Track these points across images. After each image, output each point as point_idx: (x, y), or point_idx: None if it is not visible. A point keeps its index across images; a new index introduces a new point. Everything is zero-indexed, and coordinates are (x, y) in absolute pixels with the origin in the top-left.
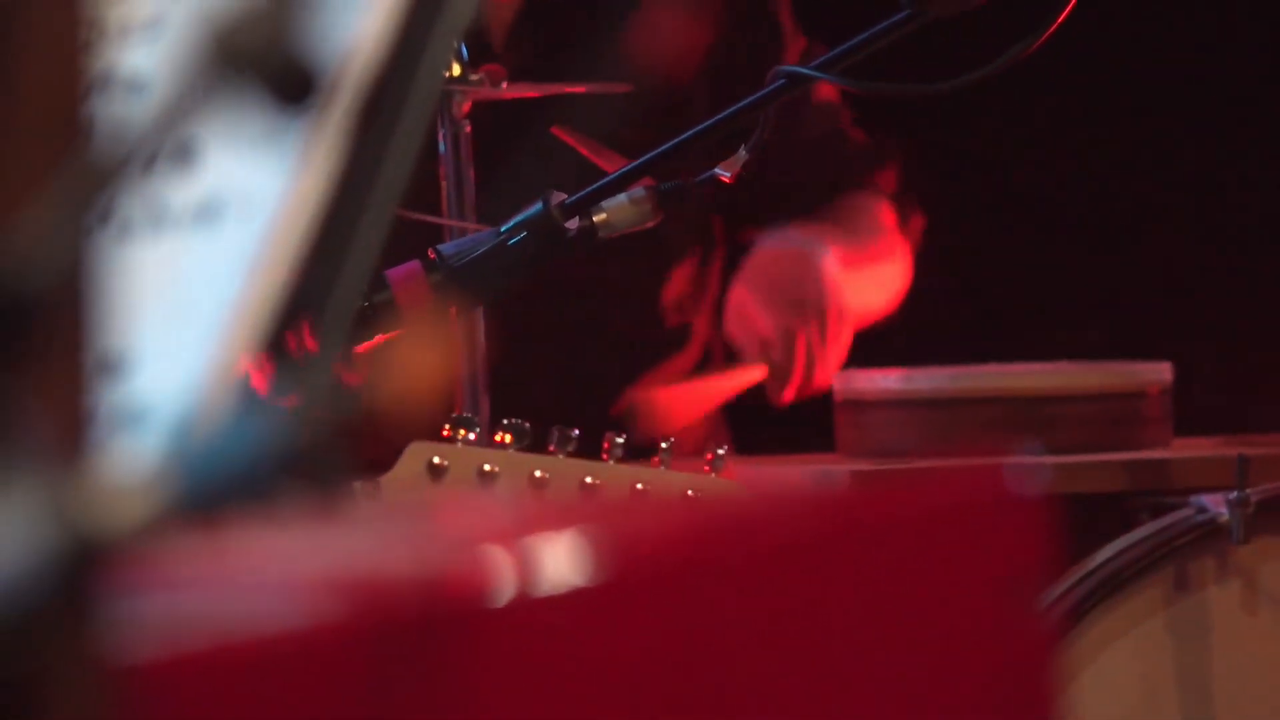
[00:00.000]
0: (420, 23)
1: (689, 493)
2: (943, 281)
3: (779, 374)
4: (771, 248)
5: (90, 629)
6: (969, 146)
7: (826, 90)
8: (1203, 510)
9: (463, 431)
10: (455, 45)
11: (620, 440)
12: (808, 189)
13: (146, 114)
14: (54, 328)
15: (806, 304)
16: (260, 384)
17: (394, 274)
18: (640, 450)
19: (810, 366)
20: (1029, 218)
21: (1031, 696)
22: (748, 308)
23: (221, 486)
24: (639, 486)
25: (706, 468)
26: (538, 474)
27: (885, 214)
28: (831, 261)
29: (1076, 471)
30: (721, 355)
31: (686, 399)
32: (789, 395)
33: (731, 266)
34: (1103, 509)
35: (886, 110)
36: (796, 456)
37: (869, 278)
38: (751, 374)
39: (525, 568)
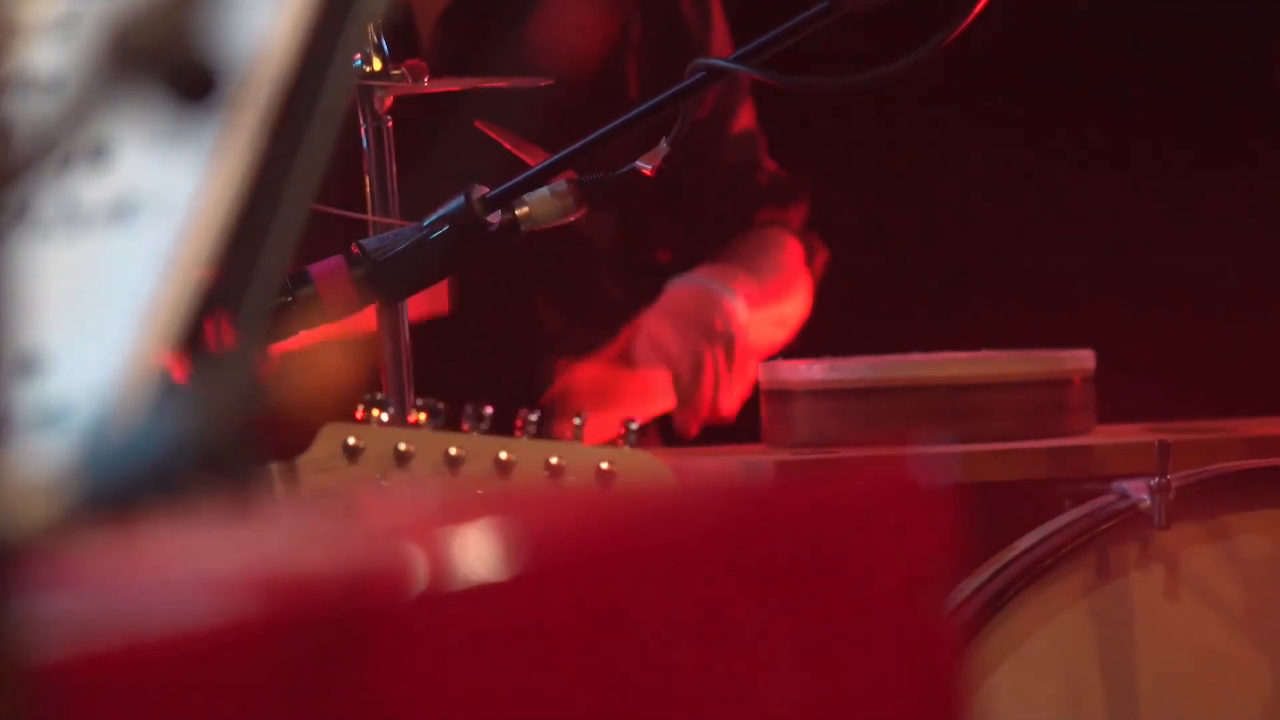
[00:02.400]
0: (331, 16)
1: (604, 465)
2: (866, 270)
3: (685, 399)
4: (682, 286)
5: (3, 628)
6: (893, 131)
7: (745, 119)
8: (1125, 496)
9: (376, 411)
10: (374, 39)
11: (534, 418)
12: (720, 217)
13: (58, 113)
14: None
15: (714, 333)
16: (177, 380)
17: (317, 269)
18: (553, 427)
19: (716, 392)
20: (950, 205)
21: (942, 688)
22: (658, 334)
23: (135, 484)
24: (554, 461)
25: (620, 441)
26: (453, 452)
27: (791, 250)
28: (738, 302)
29: (999, 459)
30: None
31: (604, 384)
32: (695, 423)
33: (643, 289)
34: (1025, 496)
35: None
36: (722, 447)
37: (772, 315)
38: (661, 393)
39: (441, 561)
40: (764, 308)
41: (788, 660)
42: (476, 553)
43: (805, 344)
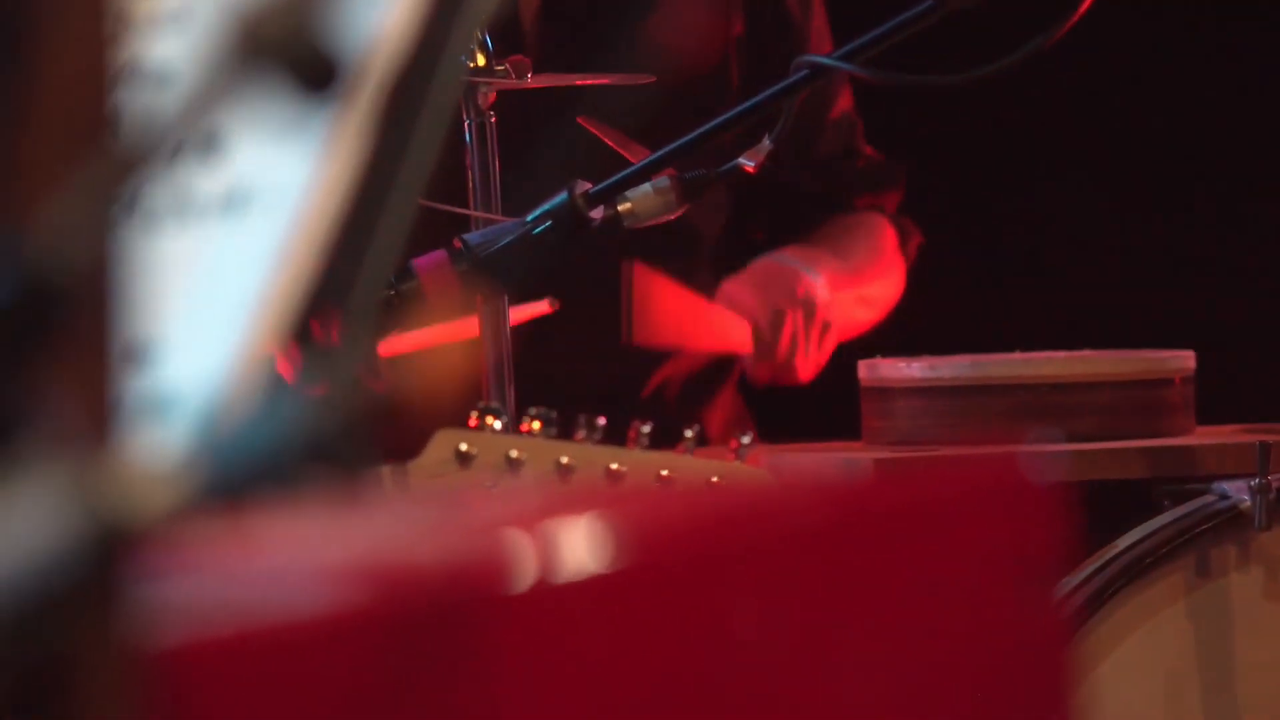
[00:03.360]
0: (444, 12)
1: (714, 480)
2: (967, 269)
3: (763, 350)
4: (764, 260)
5: (117, 615)
6: (994, 133)
7: (845, 104)
8: (1224, 497)
9: (490, 419)
10: (479, 35)
11: (646, 429)
12: (816, 202)
13: (172, 104)
14: (81, 317)
15: (794, 297)
16: (287, 372)
17: (420, 263)
18: (666, 439)
19: (793, 348)
20: (1051, 204)
21: (1049, 683)
22: (737, 294)
23: (247, 473)
24: (664, 474)
25: (731, 455)
26: (564, 460)
27: (885, 234)
28: (819, 279)
29: (1099, 459)
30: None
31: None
32: (767, 374)
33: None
34: (1125, 496)
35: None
36: (821, 445)
37: (857, 295)
38: (737, 335)
39: (546, 555)
40: (849, 289)
41: (892, 657)
42: (579, 545)
43: (904, 340)
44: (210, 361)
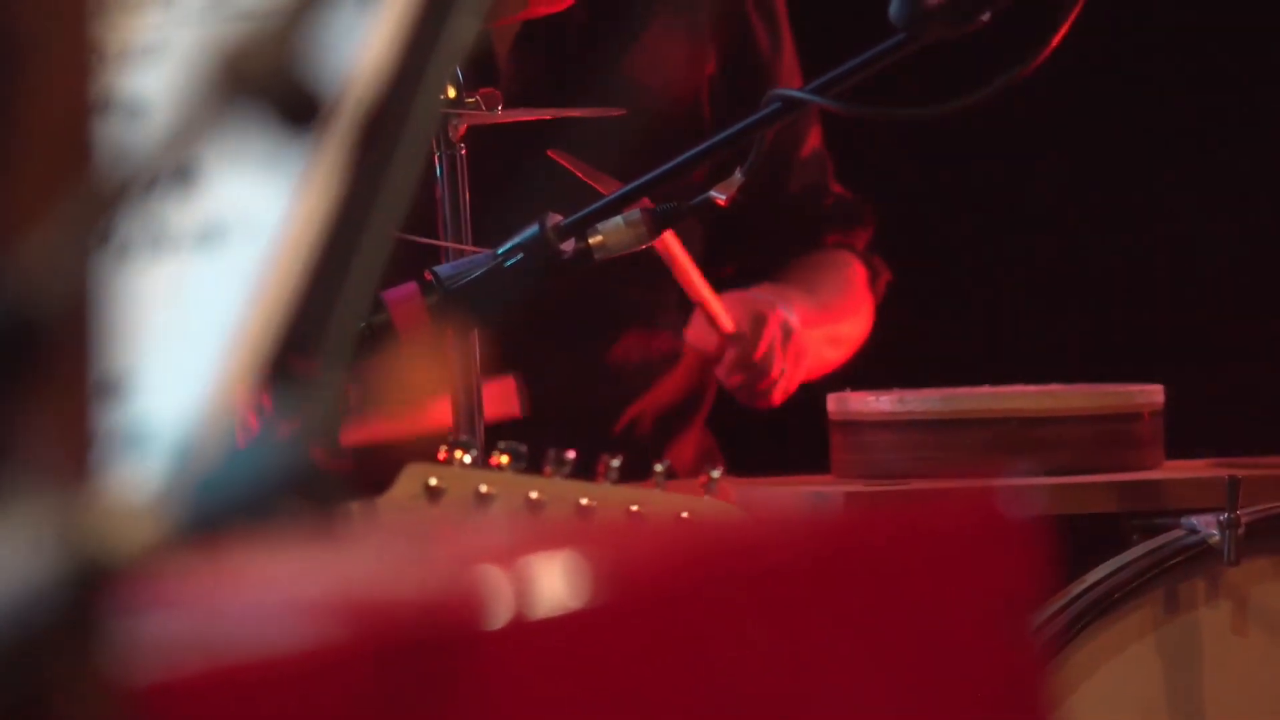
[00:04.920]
0: (420, 47)
1: (684, 515)
2: (936, 303)
3: (745, 353)
4: (739, 293)
5: (95, 650)
6: (963, 166)
7: (814, 142)
8: (1194, 531)
9: (459, 453)
10: (454, 69)
11: (615, 464)
12: (786, 239)
13: (149, 137)
14: (58, 350)
15: (775, 315)
16: (262, 406)
17: (391, 295)
18: (635, 474)
19: (770, 354)
20: (1020, 239)
21: (1025, 717)
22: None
23: (223, 508)
24: (634, 508)
25: (701, 490)
26: (534, 495)
27: (855, 273)
28: (795, 316)
29: (1069, 492)
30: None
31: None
32: (739, 380)
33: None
34: (1095, 530)
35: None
36: (791, 478)
37: (827, 334)
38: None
39: (522, 590)
40: (819, 327)
41: (866, 691)
42: (556, 581)
43: (873, 374)
44: (187, 395)
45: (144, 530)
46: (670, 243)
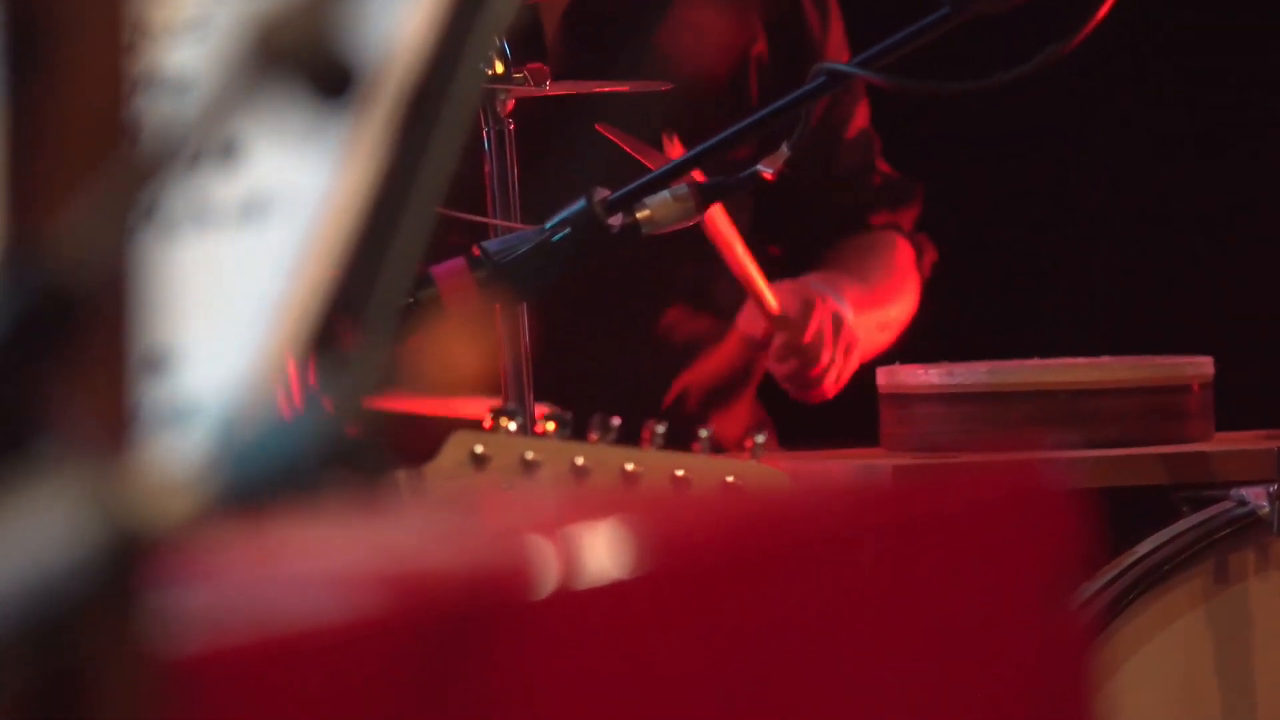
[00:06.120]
0: (463, 18)
1: (729, 479)
2: (985, 276)
3: (794, 337)
4: (789, 282)
5: (135, 623)
6: (1012, 140)
7: (861, 121)
8: (1243, 503)
9: (505, 421)
10: (498, 42)
11: (660, 429)
12: (833, 219)
13: (191, 112)
14: (100, 325)
15: (825, 303)
16: (306, 379)
17: (439, 270)
18: (681, 439)
19: (819, 340)
20: (1071, 211)
21: (1069, 690)
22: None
23: (265, 481)
24: (679, 474)
25: (747, 454)
26: (579, 462)
27: (903, 254)
28: (847, 305)
29: (1118, 465)
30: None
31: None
32: (790, 369)
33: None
34: (1144, 502)
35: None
36: (839, 451)
37: (877, 319)
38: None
39: (567, 560)
40: (870, 311)
41: (910, 663)
42: (601, 551)
43: (923, 348)
44: (229, 369)
45: (184, 503)
46: (717, 218)
